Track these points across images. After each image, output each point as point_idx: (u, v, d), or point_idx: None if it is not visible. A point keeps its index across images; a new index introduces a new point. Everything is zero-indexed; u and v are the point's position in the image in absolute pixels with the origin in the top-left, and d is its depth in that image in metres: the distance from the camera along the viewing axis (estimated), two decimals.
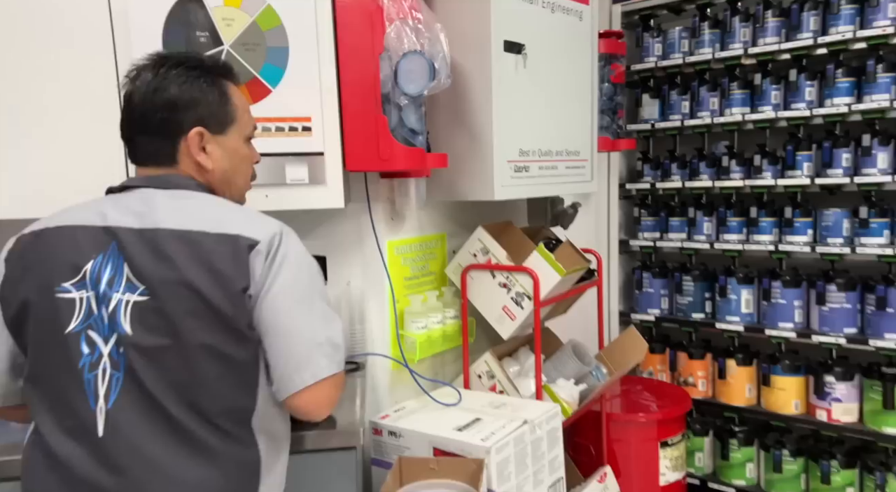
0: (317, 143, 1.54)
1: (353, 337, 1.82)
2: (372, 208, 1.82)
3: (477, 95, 1.78)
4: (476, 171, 1.81)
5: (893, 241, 2.37)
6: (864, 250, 2.37)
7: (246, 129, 1.20)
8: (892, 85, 2.32)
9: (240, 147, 1.19)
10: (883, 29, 2.28)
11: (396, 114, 1.60)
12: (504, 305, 1.88)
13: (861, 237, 2.40)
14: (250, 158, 1.23)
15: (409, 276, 1.94)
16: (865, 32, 2.32)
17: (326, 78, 1.53)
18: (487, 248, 1.91)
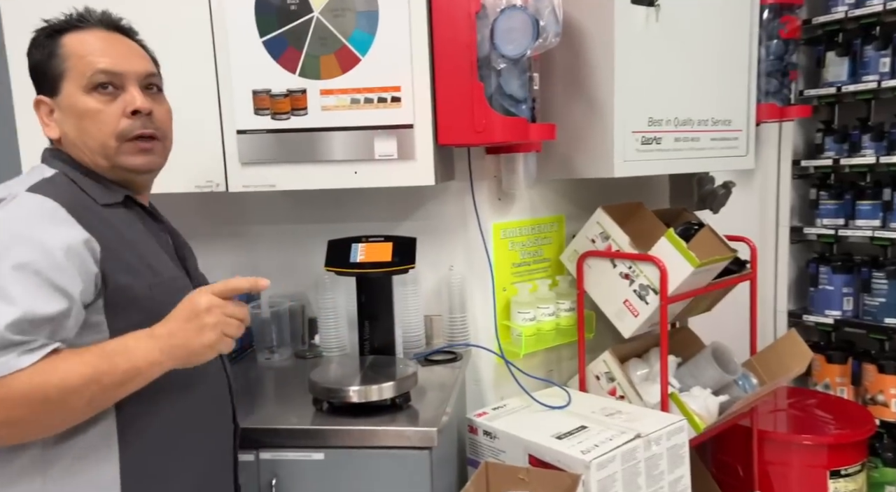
0: (406, 114, 1.42)
1: (454, 326, 1.69)
2: (476, 187, 1.66)
3: (596, 55, 1.54)
4: (593, 143, 1.57)
5: None
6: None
7: (80, 78, 0.95)
8: None
9: (77, 101, 0.95)
10: None
11: (494, 80, 1.42)
12: (625, 298, 1.63)
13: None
14: (97, 111, 0.95)
15: (518, 262, 1.76)
16: None
17: (418, 42, 1.39)
18: (607, 232, 1.67)
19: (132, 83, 0.98)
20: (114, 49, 0.97)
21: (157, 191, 1.48)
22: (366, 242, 1.49)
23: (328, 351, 1.68)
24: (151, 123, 0.99)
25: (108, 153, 0.98)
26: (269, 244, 1.80)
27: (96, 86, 0.95)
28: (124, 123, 0.96)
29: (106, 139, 0.97)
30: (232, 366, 1.61)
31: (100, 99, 0.96)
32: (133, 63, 0.98)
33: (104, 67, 0.95)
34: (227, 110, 1.45)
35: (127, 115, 0.96)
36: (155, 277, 0.95)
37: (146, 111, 0.98)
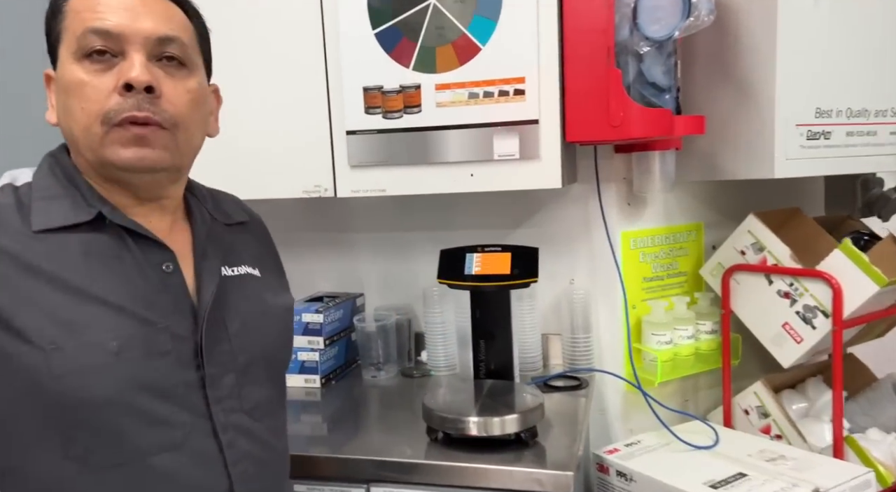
0: (531, 108, 1.26)
1: (577, 348, 1.50)
2: (602, 191, 1.47)
3: (752, 36, 1.31)
4: (747, 139, 1.34)
5: None
6: None
7: (72, 40, 0.70)
8: None
9: (64, 72, 0.71)
10: None
11: (635, 66, 1.23)
12: (785, 321, 1.38)
13: None
14: (81, 83, 0.70)
15: (651, 276, 1.55)
16: None
17: (546, 26, 1.23)
18: (762, 243, 1.43)
19: (136, 48, 0.70)
20: (122, 3, 0.70)
21: (263, 197, 1.41)
22: (482, 252, 1.34)
23: (436, 370, 1.55)
24: (153, 105, 0.70)
25: (91, 143, 0.70)
26: (373, 252, 1.70)
27: (89, 52, 0.69)
28: (113, 101, 0.69)
29: (90, 122, 0.69)
30: (337, 382, 1.53)
31: (89, 68, 0.69)
32: (142, 21, 0.70)
33: (96, 25, 0.68)
34: (337, 110, 1.35)
35: (118, 91, 0.69)
36: (67, 336, 0.66)
37: (141, 85, 0.69)
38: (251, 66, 1.37)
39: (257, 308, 0.83)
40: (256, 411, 0.79)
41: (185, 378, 0.72)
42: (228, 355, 0.76)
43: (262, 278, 0.87)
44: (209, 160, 1.14)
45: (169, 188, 0.79)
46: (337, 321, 1.52)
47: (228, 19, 1.36)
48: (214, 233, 0.84)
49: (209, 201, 0.88)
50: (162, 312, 0.72)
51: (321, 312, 1.45)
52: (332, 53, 1.33)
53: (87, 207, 0.72)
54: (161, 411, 0.70)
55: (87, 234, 0.71)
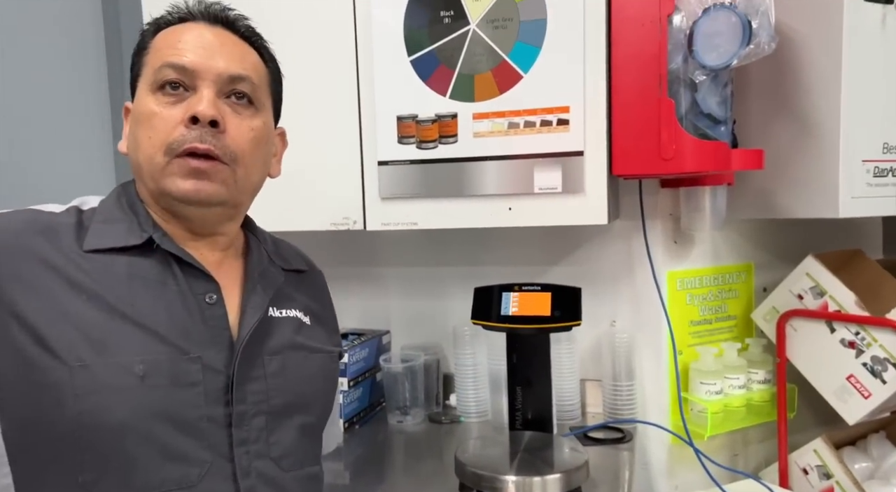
0: (575, 139, 1.18)
1: (619, 396, 1.39)
2: (648, 227, 1.38)
3: (813, 66, 1.23)
4: (808, 175, 1.25)
5: None
6: None
7: (150, 74, 0.73)
8: None
9: (138, 103, 0.74)
10: None
11: (688, 96, 1.15)
12: (850, 373, 1.26)
13: None
14: (151, 114, 0.71)
15: (698, 319, 1.45)
16: None
17: (594, 54, 1.16)
18: (823, 287, 1.32)
19: (207, 84, 0.72)
20: (201, 42, 0.73)
21: (289, 229, 1.34)
22: (519, 292, 1.25)
23: (466, 416, 1.45)
24: (215, 139, 0.71)
25: (153, 172, 0.71)
26: (401, 288, 1.62)
27: (162, 84, 0.71)
28: (177, 133, 0.70)
29: (154, 152, 0.70)
30: (360, 427, 1.44)
31: (161, 100, 0.71)
32: (216, 59, 0.72)
33: (173, 61, 0.71)
34: (369, 139, 1.29)
35: (184, 123, 0.70)
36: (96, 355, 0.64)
37: (207, 119, 0.70)
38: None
39: (300, 352, 0.79)
40: (285, 461, 0.74)
41: (211, 413, 0.68)
42: (262, 395, 0.73)
43: (310, 327, 0.83)
44: None
45: (224, 224, 0.78)
46: (362, 361, 1.43)
47: None
48: (268, 273, 0.81)
49: (269, 244, 0.87)
50: (197, 342, 0.70)
51: (346, 351, 1.37)
52: (366, 80, 1.28)
53: (140, 231, 0.72)
54: (180, 445, 0.66)
55: (135, 257, 0.71)
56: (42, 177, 1.62)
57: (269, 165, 0.82)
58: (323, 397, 0.83)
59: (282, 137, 0.88)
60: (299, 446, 0.76)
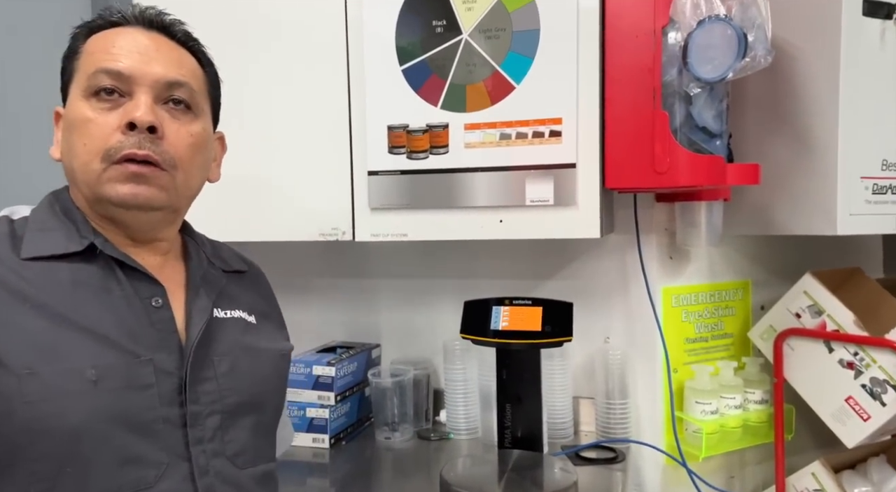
0: (567, 151, 1.16)
1: (612, 415, 1.36)
2: (642, 242, 1.36)
3: (811, 80, 1.21)
4: (805, 192, 1.23)
5: None
6: None
7: (82, 79, 0.71)
8: None
9: (71, 109, 0.72)
10: None
11: (683, 109, 1.13)
12: (849, 395, 1.23)
13: None
14: (86, 120, 0.70)
15: (694, 337, 1.42)
16: None
17: (587, 65, 1.15)
18: (821, 306, 1.29)
19: (144, 90, 0.71)
20: (136, 47, 0.72)
21: (276, 238, 1.33)
22: (510, 306, 1.23)
23: (456, 433, 1.41)
24: (154, 145, 0.70)
25: (89, 179, 0.70)
26: (391, 300, 1.59)
27: (97, 90, 0.70)
28: (114, 139, 0.69)
29: (90, 159, 0.69)
30: (347, 443, 1.40)
31: (96, 106, 0.70)
32: (153, 65, 0.72)
33: (108, 66, 0.70)
34: (359, 149, 1.27)
35: (121, 129, 0.69)
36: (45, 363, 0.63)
37: (144, 125, 0.69)
38: (270, 100, 1.30)
39: (248, 352, 0.80)
40: (240, 459, 0.75)
41: (166, 414, 0.69)
42: (215, 395, 0.73)
43: (256, 325, 0.84)
44: (218, 198, 1.06)
45: (163, 229, 0.78)
46: (350, 375, 1.40)
47: (249, 49, 1.30)
48: (209, 276, 0.82)
49: (207, 247, 0.86)
50: (147, 345, 0.70)
51: (333, 365, 1.34)
52: (357, 89, 1.26)
53: (80, 238, 0.71)
54: (135, 448, 0.66)
55: (76, 264, 0.70)
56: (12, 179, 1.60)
57: (208, 170, 0.81)
58: (275, 395, 0.84)
59: (221, 141, 0.87)
60: (253, 443, 0.77)
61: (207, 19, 1.31)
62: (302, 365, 1.35)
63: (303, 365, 1.35)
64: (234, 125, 1.29)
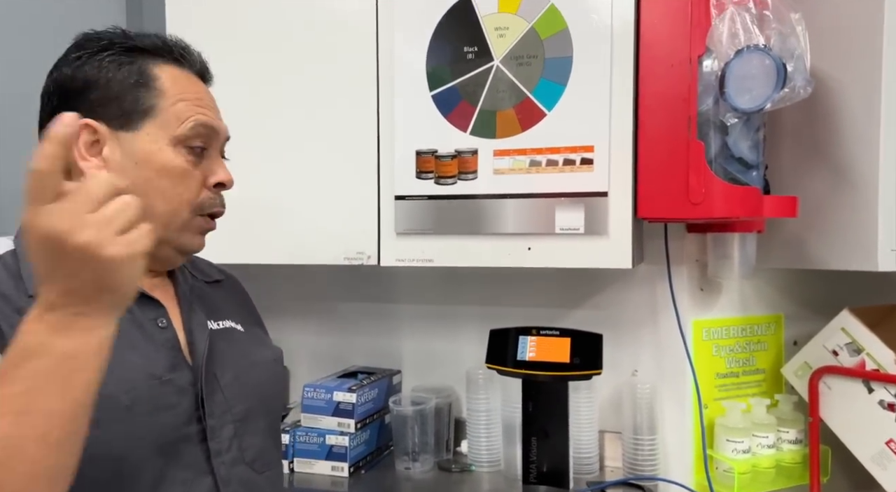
0: (599, 179, 1.14)
1: (639, 451, 1.32)
2: (673, 273, 1.33)
3: (851, 112, 1.18)
4: (844, 226, 1.19)
5: None
6: None
7: (174, 124, 0.72)
8: None
9: (161, 152, 0.72)
10: None
11: (719, 139, 1.11)
12: (890, 438, 1.18)
13: None
14: (184, 172, 0.73)
15: (725, 371, 1.38)
16: None
17: (620, 93, 1.13)
18: (859, 344, 1.25)
19: (218, 146, 0.78)
20: (210, 102, 0.78)
21: (302, 262, 1.31)
22: (537, 336, 1.20)
23: (478, 465, 1.37)
24: (223, 201, 0.79)
25: (171, 223, 0.73)
26: (414, 326, 1.57)
27: (192, 144, 0.74)
28: (205, 195, 0.75)
29: (180, 207, 0.73)
30: (367, 472, 1.37)
31: (188, 158, 0.74)
32: (220, 121, 0.78)
33: (207, 122, 0.75)
34: (387, 173, 1.26)
35: (209, 187, 0.76)
36: (113, 386, 0.62)
37: (231, 187, 0.78)
38: (299, 122, 1.30)
39: (245, 360, 0.82)
40: (258, 463, 0.77)
41: (187, 432, 0.71)
42: (224, 406, 0.74)
43: (245, 332, 0.86)
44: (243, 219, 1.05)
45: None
46: (371, 402, 1.38)
47: (281, 73, 1.31)
48: (197, 290, 0.83)
49: (187, 262, 0.87)
50: (163, 366, 0.71)
51: (354, 391, 1.32)
52: (386, 114, 1.26)
53: None
54: (164, 469, 0.68)
55: None
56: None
57: None
58: (276, 399, 0.86)
59: None
60: (266, 447, 0.79)
61: (240, 45, 1.33)
62: (322, 391, 1.33)
63: (323, 391, 1.33)
64: (262, 147, 1.30)
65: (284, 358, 1.11)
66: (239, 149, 1.29)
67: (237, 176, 0.79)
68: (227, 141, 0.80)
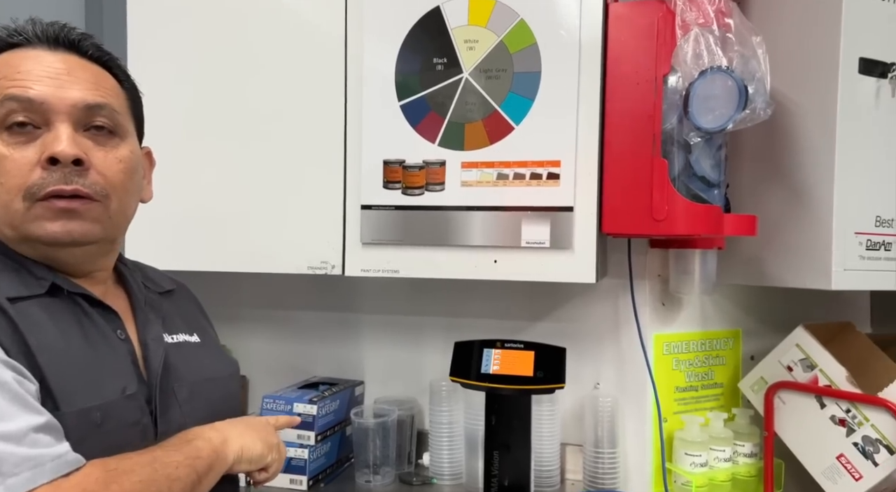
0: (565, 194, 1.15)
1: (600, 464, 1.32)
2: (636, 288, 1.34)
3: (808, 136, 1.22)
4: (800, 245, 1.22)
5: None
6: None
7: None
8: None
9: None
10: None
11: (682, 157, 1.13)
12: (841, 453, 1.21)
13: None
14: (1, 157, 0.65)
15: (684, 385, 1.40)
16: None
17: (587, 109, 1.14)
18: (813, 360, 1.28)
19: (62, 119, 0.66)
20: (45, 70, 0.66)
21: (264, 270, 1.29)
22: (501, 349, 1.20)
23: (439, 478, 1.36)
24: (81, 178, 0.66)
25: (12, 220, 0.66)
26: (378, 336, 1.55)
27: (7, 123, 0.65)
28: (35, 176, 0.65)
29: (9, 199, 0.65)
30: (326, 486, 1.35)
31: (9, 141, 0.65)
32: (68, 89, 0.66)
33: (16, 93, 0.64)
34: (353, 182, 1.25)
35: (42, 164, 0.65)
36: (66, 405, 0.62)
37: (69, 160, 0.65)
38: (265, 128, 1.28)
39: (202, 375, 0.79)
40: None
41: (147, 446, 0.67)
42: (180, 422, 0.72)
43: (201, 344, 0.84)
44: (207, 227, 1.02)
45: (100, 260, 0.75)
46: (332, 414, 1.35)
47: (246, 77, 1.28)
48: (150, 300, 0.80)
49: (138, 271, 0.84)
50: (128, 379, 0.69)
51: (315, 403, 1.29)
52: (353, 122, 1.25)
53: (36, 279, 0.67)
54: None
55: (43, 300, 0.66)
56: None
57: (141, 191, 0.78)
58: (232, 411, 0.83)
59: (148, 157, 0.82)
60: None
61: (204, 48, 1.30)
62: (282, 402, 1.30)
63: (283, 402, 1.30)
64: (227, 153, 1.28)
65: (244, 367, 1.09)
66: (203, 155, 1.27)
67: (201, 182, 0.76)
68: (101, 109, 0.69)
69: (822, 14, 1.19)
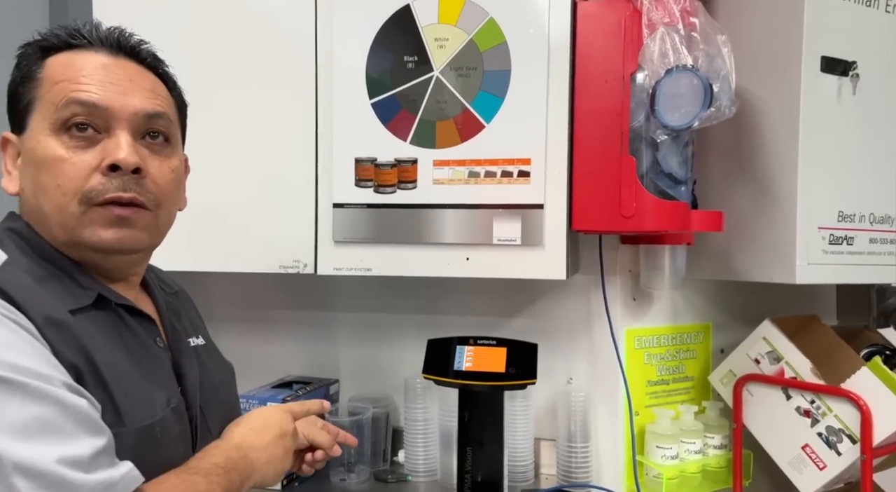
0: (536, 192, 1.16)
1: (573, 458, 1.34)
2: (607, 283, 1.36)
3: (773, 132, 1.24)
4: (766, 240, 1.25)
5: None
6: None
7: (49, 110, 0.65)
8: None
9: (38, 144, 0.65)
10: None
11: (650, 155, 1.15)
12: (806, 443, 1.24)
13: None
14: (59, 159, 0.64)
15: (656, 379, 1.42)
16: None
17: (557, 107, 1.16)
18: (779, 353, 1.31)
19: (123, 125, 0.66)
20: (108, 76, 0.67)
21: (236, 269, 1.28)
22: (474, 346, 1.21)
23: (414, 475, 1.37)
24: (138, 186, 0.67)
25: (66, 222, 0.65)
26: (352, 335, 1.55)
27: (68, 125, 0.64)
28: (94, 181, 0.64)
29: (65, 201, 0.64)
30: (300, 485, 1.35)
31: (69, 143, 0.64)
32: (130, 97, 0.67)
33: (81, 98, 0.64)
34: (325, 181, 1.25)
35: (102, 170, 0.65)
36: (144, 417, 0.63)
37: (130, 168, 0.65)
38: (234, 127, 1.27)
39: (215, 379, 0.81)
40: None
41: (188, 456, 0.68)
42: (206, 428, 0.74)
43: (206, 346, 0.84)
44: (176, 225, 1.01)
45: (138, 266, 0.75)
46: None
47: (215, 74, 1.27)
48: (171, 304, 0.81)
49: (152, 273, 0.84)
50: (171, 390, 0.69)
51: (289, 402, 1.28)
52: (324, 120, 1.24)
53: (83, 289, 0.66)
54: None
55: (91, 311, 0.66)
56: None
57: (180, 201, 0.78)
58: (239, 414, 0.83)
59: (186, 163, 0.82)
60: None
61: (171, 45, 1.28)
62: (255, 402, 1.30)
63: (256, 402, 1.30)
64: (195, 151, 1.26)
65: None
66: None
67: None
68: (159, 118, 0.70)
69: (786, 13, 1.21)
